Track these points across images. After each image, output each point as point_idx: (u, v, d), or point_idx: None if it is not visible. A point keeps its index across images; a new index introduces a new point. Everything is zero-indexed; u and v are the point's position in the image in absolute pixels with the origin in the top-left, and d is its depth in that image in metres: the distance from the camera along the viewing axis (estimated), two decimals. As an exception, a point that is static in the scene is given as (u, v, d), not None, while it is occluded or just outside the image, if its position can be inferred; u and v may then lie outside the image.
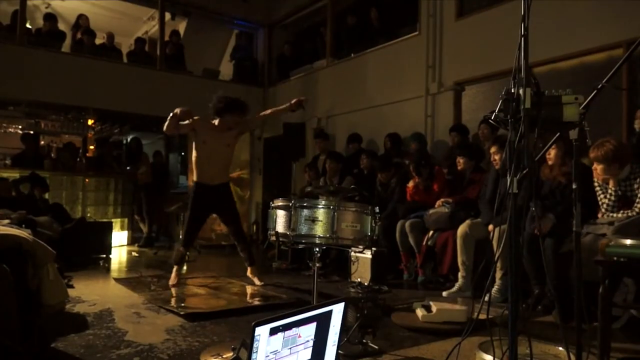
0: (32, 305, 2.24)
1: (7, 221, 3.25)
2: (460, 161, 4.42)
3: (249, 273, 4.34)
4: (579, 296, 1.97)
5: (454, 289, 3.91)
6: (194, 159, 4.17)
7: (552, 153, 3.39)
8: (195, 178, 4.19)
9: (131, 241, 7.50)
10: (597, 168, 2.92)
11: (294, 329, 1.52)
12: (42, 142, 8.14)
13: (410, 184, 4.81)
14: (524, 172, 1.65)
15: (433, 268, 4.37)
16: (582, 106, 1.76)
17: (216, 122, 4.09)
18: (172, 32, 8.61)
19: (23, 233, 2.40)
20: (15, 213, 4.38)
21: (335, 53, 7.62)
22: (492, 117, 1.71)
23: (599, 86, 1.95)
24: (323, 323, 1.64)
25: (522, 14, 1.68)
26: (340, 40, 7.62)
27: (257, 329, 1.39)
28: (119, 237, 7.07)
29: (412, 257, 4.56)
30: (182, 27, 9.12)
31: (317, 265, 2.50)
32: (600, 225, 2.86)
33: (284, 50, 8.82)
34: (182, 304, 3.46)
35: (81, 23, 7.98)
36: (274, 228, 2.48)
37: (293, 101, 4.16)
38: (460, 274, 3.93)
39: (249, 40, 9.39)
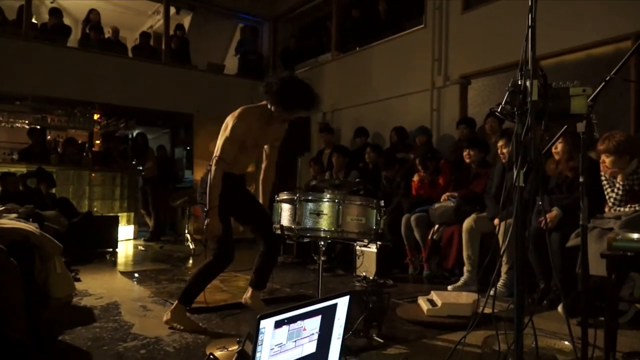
0: (40, 299, 2.25)
1: (14, 215, 3.27)
2: (471, 153, 4.40)
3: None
4: (585, 291, 1.96)
5: (459, 283, 3.90)
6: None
7: (559, 147, 3.36)
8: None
9: (137, 235, 7.54)
10: (606, 161, 2.89)
11: (299, 322, 1.52)
12: (49, 137, 8.18)
13: (416, 177, 4.80)
14: (531, 165, 1.63)
15: (438, 262, 4.37)
16: (590, 98, 1.74)
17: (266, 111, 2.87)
18: (176, 26, 8.60)
19: (30, 227, 2.41)
20: (23, 207, 4.41)
21: (340, 46, 7.59)
22: (499, 110, 1.70)
23: (607, 78, 1.93)
24: (328, 316, 1.64)
25: (529, 6, 1.66)
26: (346, 34, 7.58)
27: (262, 321, 1.39)
28: (125, 231, 7.11)
29: (417, 251, 4.55)
30: (186, 21, 9.11)
31: (322, 259, 2.50)
32: (607, 219, 2.84)
33: (289, 44, 8.78)
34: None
35: (92, 18, 7.99)
36: (279, 222, 2.48)
37: None
38: (465, 268, 3.92)
39: (254, 34, 9.36)
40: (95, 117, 8.25)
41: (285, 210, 2.45)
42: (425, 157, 4.67)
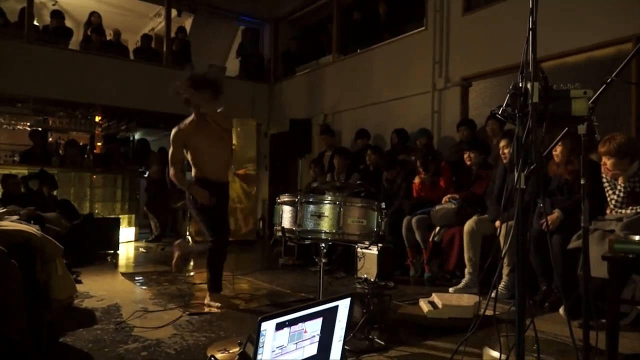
0: (41, 300, 2.25)
1: (16, 217, 3.27)
2: (471, 155, 4.40)
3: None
4: (586, 293, 1.95)
5: (461, 285, 3.90)
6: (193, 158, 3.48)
7: (558, 150, 3.36)
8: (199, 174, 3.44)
9: (138, 237, 7.55)
10: (607, 163, 2.89)
11: (300, 324, 1.52)
12: (50, 139, 8.20)
13: (417, 179, 4.79)
14: (532, 167, 1.63)
15: (439, 264, 4.36)
16: (591, 100, 1.74)
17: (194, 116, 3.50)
18: (178, 29, 8.62)
19: (32, 229, 2.41)
20: (24, 209, 4.42)
21: (341, 49, 7.60)
22: (500, 112, 1.70)
23: (608, 80, 1.93)
24: (329, 318, 1.64)
25: (530, 8, 1.66)
26: (347, 36, 7.59)
27: (263, 324, 1.39)
28: (126, 233, 7.12)
29: (418, 253, 4.55)
30: (188, 23, 9.13)
31: (323, 261, 2.50)
32: (608, 221, 2.84)
33: (290, 46, 8.80)
34: (189, 300, 3.47)
35: (93, 20, 8.01)
36: (280, 224, 2.48)
37: None
38: (466, 270, 3.91)
39: (255, 37, 9.38)
40: (97, 119, 8.27)
41: (287, 212, 2.45)
42: (426, 159, 4.67)
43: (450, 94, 5.75)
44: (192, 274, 4.69)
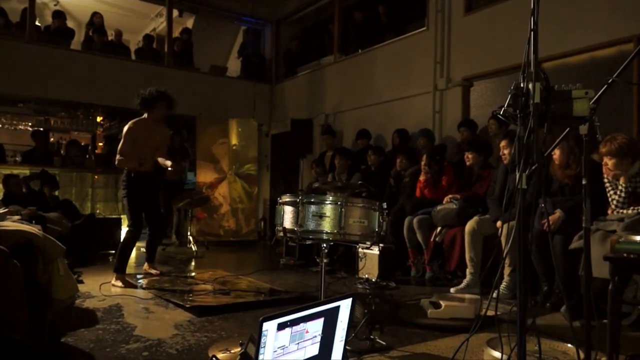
0: (43, 300, 2.26)
1: (17, 217, 3.28)
2: (469, 156, 4.39)
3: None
4: (588, 293, 1.95)
5: (462, 285, 3.89)
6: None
7: (556, 153, 3.34)
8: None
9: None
10: (609, 163, 2.89)
11: (301, 324, 1.52)
12: (52, 139, 8.22)
13: (422, 177, 4.77)
14: (533, 167, 1.63)
15: (441, 264, 4.36)
16: (593, 101, 1.74)
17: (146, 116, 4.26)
18: (183, 30, 8.63)
19: (33, 229, 2.42)
20: (26, 209, 4.43)
21: (342, 49, 7.60)
22: (501, 112, 1.70)
23: (610, 81, 1.93)
24: (331, 319, 1.64)
25: (532, 8, 1.66)
26: (348, 36, 7.59)
27: (264, 324, 1.40)
28: (128, 233, 7.13)
29: (419, 254, 4.54)
30: (189, 23, 9.15)
31: (325, 261, 2.50)
32: (610, 221, 2.84)
33: (292, 46, 8.81)
34: (190, 299, 3.48)
35: (95, 21, 8.03)
36: (282, 224, 2.48)
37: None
38: (468, 271, 3.91)
39: (256, 37, 9.40)
40: (98, 119, 8.30)
41: (288, 212, 2.46)
42: (433, 157, 4.66)
43: (451, 94, 5.75)
44: (193, 274, 4.69)
